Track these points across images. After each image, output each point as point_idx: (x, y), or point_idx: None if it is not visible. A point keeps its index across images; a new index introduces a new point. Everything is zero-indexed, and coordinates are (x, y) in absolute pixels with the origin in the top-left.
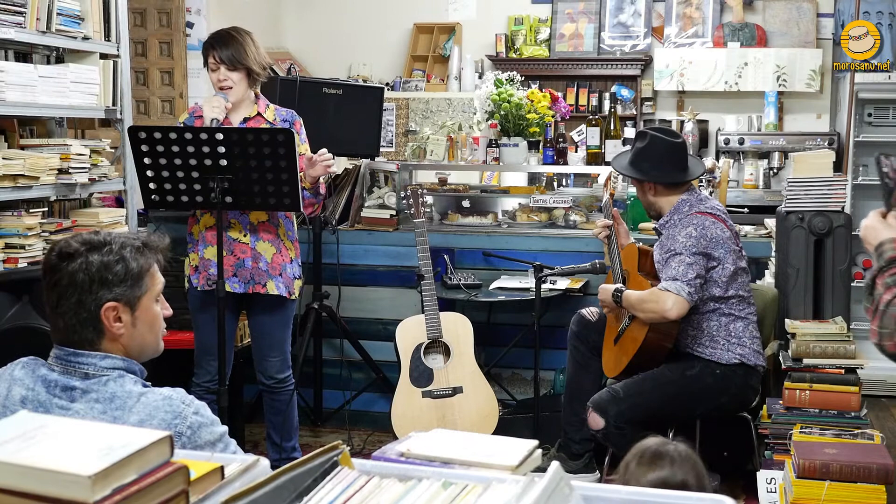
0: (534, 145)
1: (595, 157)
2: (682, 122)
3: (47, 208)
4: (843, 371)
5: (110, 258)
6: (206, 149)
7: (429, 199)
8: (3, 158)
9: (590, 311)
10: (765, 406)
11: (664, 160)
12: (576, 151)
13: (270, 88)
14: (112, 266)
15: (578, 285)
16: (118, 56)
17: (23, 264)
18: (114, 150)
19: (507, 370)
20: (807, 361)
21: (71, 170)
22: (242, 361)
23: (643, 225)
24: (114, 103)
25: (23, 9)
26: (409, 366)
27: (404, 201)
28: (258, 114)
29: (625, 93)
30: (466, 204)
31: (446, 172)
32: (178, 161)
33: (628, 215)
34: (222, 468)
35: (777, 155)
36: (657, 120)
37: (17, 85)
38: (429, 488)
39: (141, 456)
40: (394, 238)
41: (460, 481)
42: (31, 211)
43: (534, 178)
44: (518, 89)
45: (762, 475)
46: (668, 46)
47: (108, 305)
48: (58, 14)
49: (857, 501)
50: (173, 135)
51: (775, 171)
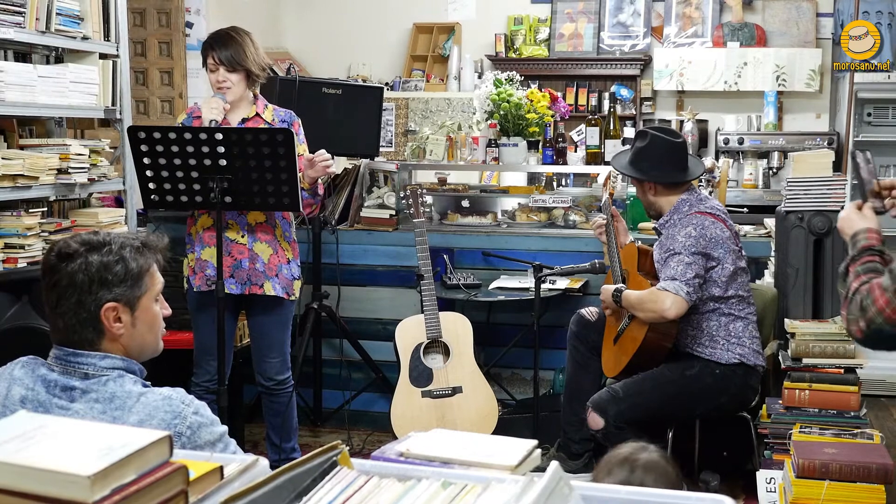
0: (533, 145)
1: (594, 157)
2: (682, 122)
3: (47, 208)
4: (842, 371)
5: (110, 258)
6: (205, 149)
7: (428, 199)
8: (3, 158)
9: (589, 311)
10: (764, 406)
11: (664, 160)
12: (575, 151)
13: (270, 88)
14: (112, 266)
15: (578, 285)
16: (117, 56)
17: (22, 264)
18: (113, 150)
19: (506, 370)
20: (806, 361)
21: (70, 170)
22: (242, 362)
23: (643, 225)
24: (113, 103)
25: (22, 9)
26: (408, 366)
27: (404, 201)
28: (257, 114)
29: (624, 93)
30: (466, 204)
31: (446, 172)
32: (177, 161)
33: (628, 215)
34: (221, 468)
35: (776, 155)
36: (657, 120)
37: (17, 85)
38: (428, 488)
39: (140, 456)
40: (393, 238)
41: (460, 481)
42: (30, 211)
43: (533, 177)
44: (517, 89)
45: (762, 475)
46: (667, 46)
47: (107, 306)
48: (57, 14)
49: (857, 501)
50: (173, 135)
51: (775, 170)
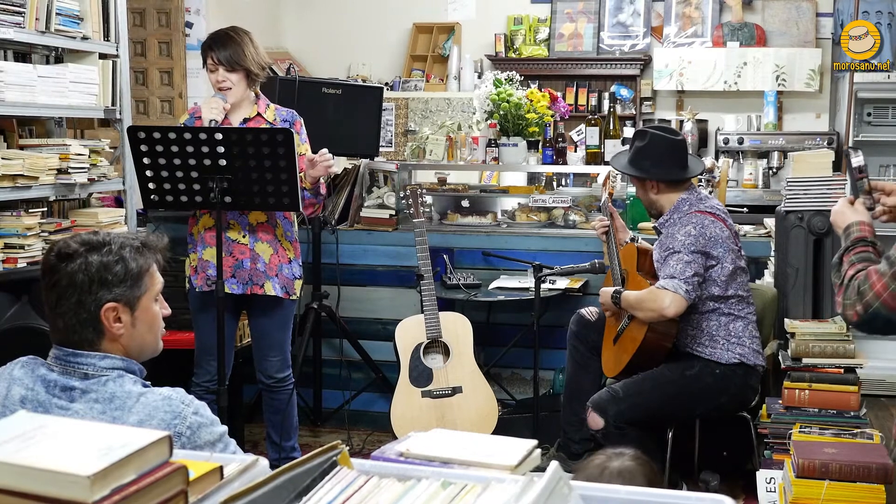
0: (533, 145)
1: (594, 157)
2: (682, 122)
3: (46, 208)
4: (842, 370)
5: (110, 258)
6: (205, 149)
7: (428, 199)
8: (3, 158)
9: (589, 311)
10: (764, 406)
11: (665, 158)
12: (575, 151)
13: (269, 88)
14: (111, 266)
15: (578, 285)
16: (117, 56)
17: (22, 264)
18: (113, 150)
19: (506, 370)
20: (806, 361)
21: (70, 170)
22: (242, 361)
23: (643, 224)
24: (113, 103)
25: (22, 9)
26: (408, 366)
27: (403, 201)
28: (258, 114)
29: (624, 92)
30: (466, 204)
31: (445, 172)
32: (177, 161)
33: (628, 215)
34: (221, 468)
35: (776, 154)
36: (656, 119)
37: (17, 85)
38: (428, 488)
39: (140, 456)
40: (393, 238)
41: (459, 481)
42: (30, 211)
43: (533, 177)
44: (517, 89)
45: (762, 475)
46: (667, 46)
47: (107, 306)
48: (57, 14)
49: (857, 501)
50: (172, 135)
51: (774, 170)
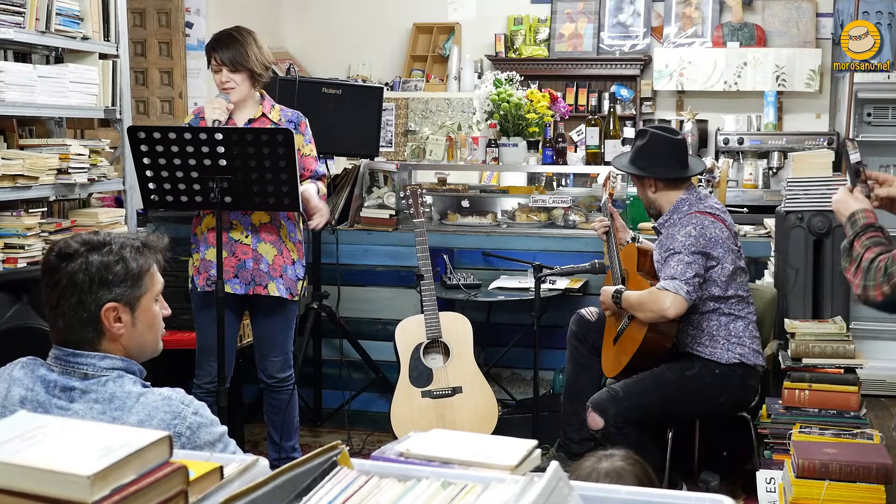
0: (533, 145)
1: (594, 157)
2: (682, 122)
3: (46, 208)
4: (842, 371)
5: (110, 258)
6: (205, 149)
7: (428, 199)
8: (3, 158)
9: (589, 311)
10: (764, 406)
11: (665, 156)
12: (575, 151)
13: (270, 88)
14: (112, 266)
15: (578, 285)
16: (117, 56)
17: (22, 264)
18: (113, 151)
19: (506, 370)
20: (806, 361)
21: (70, 170)
22: (242, 361)
23: (643, 225)
24: (113, 103)
25: (22, 9)
26: (408, 366)
27: (403, 201)
28: (263, 114)
29: (624, 93)
30: (466, 204)
31: (445, 172)
32: (177, 161)
33: (628, 215)
34: (221, 468)
35: (776, 155)
36: (656, 120)
37: (17, 85)
38: (428, 488)
39: (140, 456)
40: (393, 238)
41: (459, 481)
42: (30, 211)
43: (533, 178)
44: (517, 89)
45: (762, 475)
46: (667, 46)
47: (108, 306)
48: (57, 14)
49: (857, 501)
50: (172, 135)
51: (774, 170)
